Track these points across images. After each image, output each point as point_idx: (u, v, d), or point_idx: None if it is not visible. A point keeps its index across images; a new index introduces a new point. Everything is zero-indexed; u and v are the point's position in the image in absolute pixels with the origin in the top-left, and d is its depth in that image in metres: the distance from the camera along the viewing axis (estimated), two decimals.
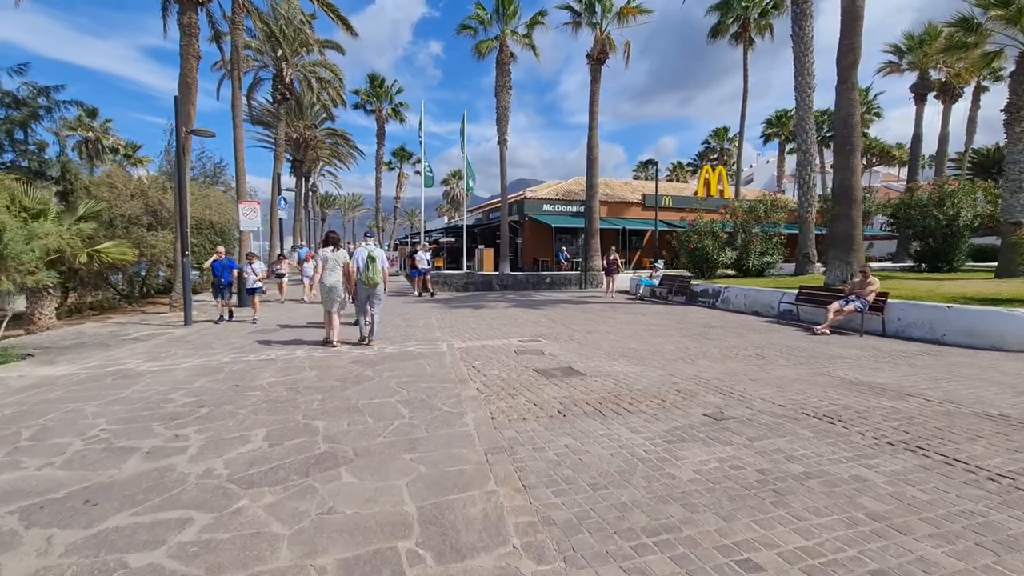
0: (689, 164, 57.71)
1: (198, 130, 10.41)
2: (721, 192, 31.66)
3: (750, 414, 4.49)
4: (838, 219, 12.58)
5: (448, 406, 4.70)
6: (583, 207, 27.89)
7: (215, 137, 11.29)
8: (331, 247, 7.92)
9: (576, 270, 25.33)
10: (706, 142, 53.16)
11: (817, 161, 16.71)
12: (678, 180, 54.22)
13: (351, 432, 4.00)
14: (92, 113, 33.41)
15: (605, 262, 17.02)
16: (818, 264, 17.02)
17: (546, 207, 27.29)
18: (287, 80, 22.88)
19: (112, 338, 8.93)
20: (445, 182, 61.61)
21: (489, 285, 19.11)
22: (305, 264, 15.74)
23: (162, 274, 19.47)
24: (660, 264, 17.09)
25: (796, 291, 11.22)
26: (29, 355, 7.39)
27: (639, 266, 28.39)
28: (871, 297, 9.29)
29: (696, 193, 31.50)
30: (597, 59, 21.36)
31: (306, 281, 15.27)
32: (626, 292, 18.55)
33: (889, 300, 9.22)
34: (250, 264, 11.50)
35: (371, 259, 7.59)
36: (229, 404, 4.78)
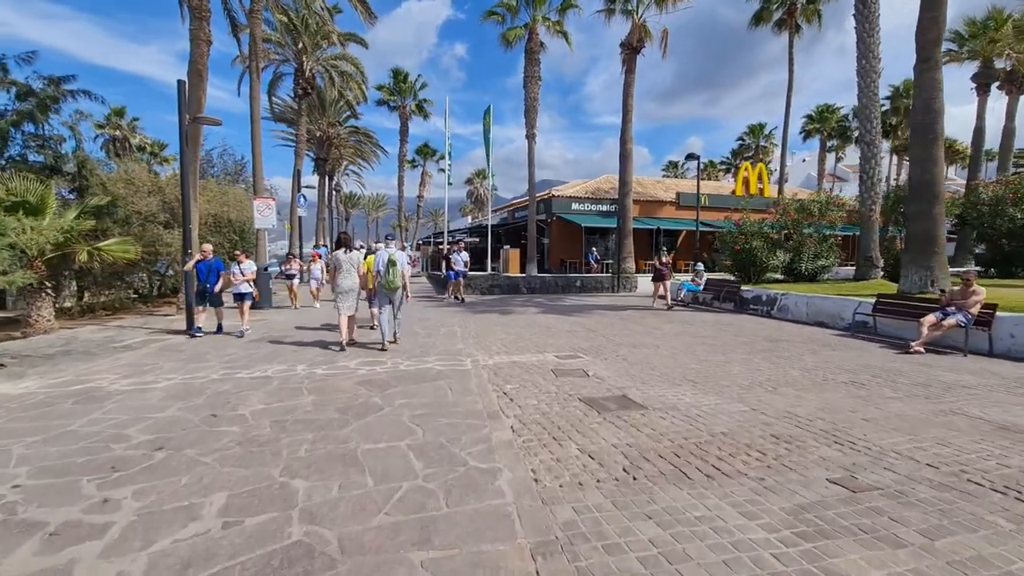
0: (722, 163, 55.52)
1: (203, 117, 9.54)
2: (761, 191, 29.87)
3: (896, 482, 3.19)
4: (917, 218, 10.99)
5: (475, 458, 3.53)
6: (614, 206, 26.52)
7: (221, 125, 10.42)
8: (343, 249, 7.70)
9: (606, 272, 23.98)
10: (740, 139, 50.95)
11: (884, 153, 15.02)
12: (709, 179, 52.13)
13: (341, 504, 2.86)
14: (120, 112, 33.52)
15: (657, 263, 14.33)
16: (880, 269, 15.33)
17: (575, 206, 26.00)
18: (308, 74, 22.16)
19: (103, 345, 8.07)
20: (469, 181, 60.78)
21: (516, 288, 17.95)
22: (312, 265, 14.23)
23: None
24: (700, 267, 15.60)
25: (872, 300, 9.74)
26: (1, 366, 6.54)
27: (674, 269, 26.82)
28: (975, 309, 7.77)
29: (734, 192, 29.77)
30: (633, 48, 20.00)
31: (313, 285, 13.93)
32: (663, 297, 17.13)
33: (998, 313, 7.70)
34: (238, 264, 9.62)
35: (391, 263, 7.37)
36: (194, 447, 3.71)
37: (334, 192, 49.75)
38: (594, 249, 24.49)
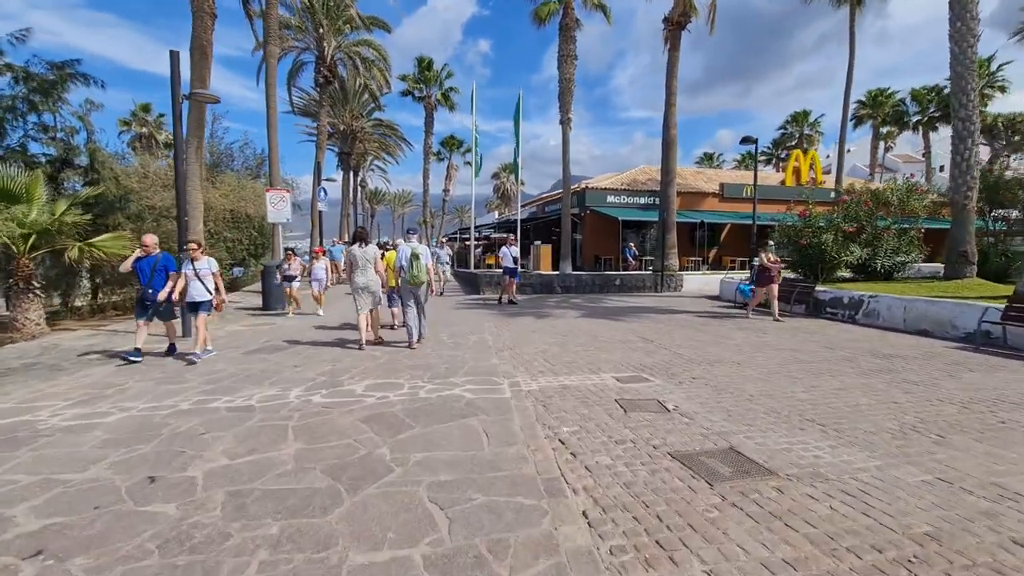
0: (762, 153, 52.54)
1: (199, 94, 8.33)
2: (813, 181, 27.50)
3: None
4: None
5: None
6: (652, 198, 24.71)
7: (219, 103, 9.20)
8: (359, 244, 7.38)
9: (645, 269, 22.22)
10: (782, 128, 48.03)
11: (978, 134, 12.88)
12: (747, 170, 49.37)
13: None
14: (146, 108, 33.30)
15: (766, 259, 10.24)
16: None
17: (610, 199, 24.24)
18: (329, 61, 21.03)
19: (80, 356, 6.92)
20: (495, 176, 59.35)
21: (549, 287, 16.44)
22: (315, 264, 11.68)
23: None
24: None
25: (998, 305, 7.89)
26: None
27: (718, 265, 24.84)
28: None
29: (783, 182, 27.49)
30: (676, 23, 18.16)
31: (315, 287, 11.48)
32: (715, 298, 15.36)
33: None
34: (191, 261, 6.66)
35: (415, 256, 7.03)
36: (89, 551, 2.35)
37: (359, 188, 49.09)
38: (631, 245, 22.73)
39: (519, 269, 14.05)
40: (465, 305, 13.30)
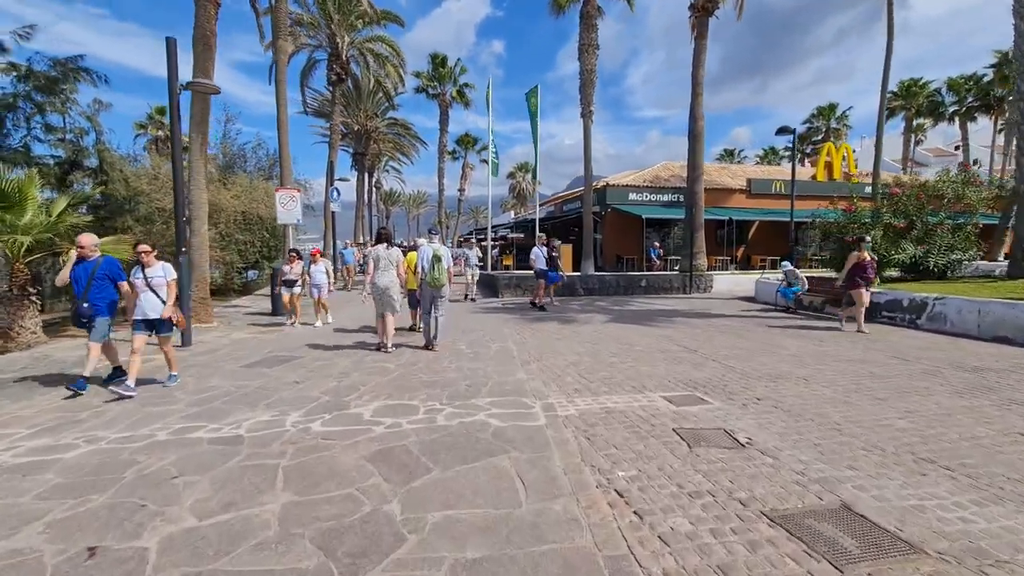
0: (786, 148, 50.92)
1: (198, 83, 7.70)
2: (846, 175, 26.21)
3: None
4: None
5: None
6: (676, 195, 23.73)
7: (219, 93, 8.56)
8: (384, 244, 7.14)
9: (670, 270, 21.24)
10: (808, 122, 46.33)
11: None
12: (769, 165, 47.85)
13: None
14: (162, 111, 33.21)
15: (860, 257, 8.81)
16: None
17: (632, 196, 23.30)
18: (343, 58, 20.50)
19: (66, 370, 6.31)
20: (511, 175, 58.61)
21: (571, 288, 15.59)
22: (313, 268, 10.10)
23: (217, 273, 17.66)
24: (787, 264, 12.69)
25: None
26: None
27: (746, 264, 23.72)
28: None
29: (814, 177, 26.24)
30: (703, 9, 17.18)
31: (315, 293, 10.06)
32: (750, 299, 14.37)
33: None
34: (141, 268, 5.21)
35: (436, 258, 6.95)
36: None
37: (374, 189, 48.76)
38: (656, 244, 21.76)
39: (561, 272, 12.95)
40: (484, 309, 12.53)
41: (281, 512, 2.73)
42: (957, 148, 48.49)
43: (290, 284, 9.88)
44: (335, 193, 19.06)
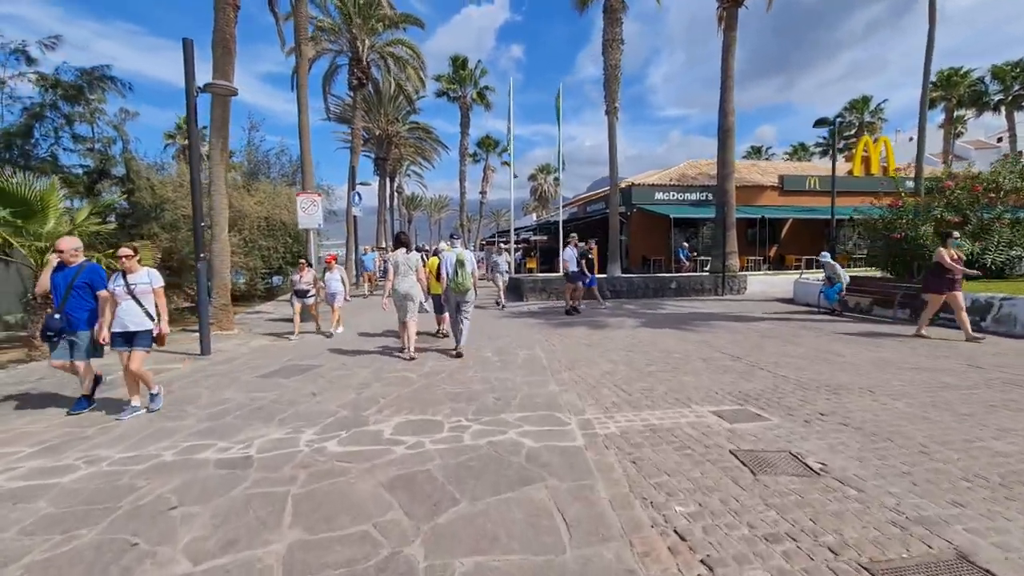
0: (816, 144, 49.32)
1: (216, 85, 7.52)
2: (884, 169, 25.01)
3: None
4: None
5: None
6: (704, 194, 22.98)
7: (237, 95, 8.39)
8: (403, 249, 7.01)
9: (700, 271, 20.51)
10: (840, 116, 44.67)
11: None
12: (799, 161, 46.34)
13: None
14: None
15: (947, 256, 7.66)
16: None
17: (658, 195, 22.63)
18: (364, 63, 20.43)
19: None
20: (532, 177, 58.23)
21: (598, 291, 15.07)
22: (329, 275, 9.65)
23: (241, 279, 17.74)
24: (826, 255, 11.85)
25: None
26: None
27: (779, 265, 22.78)
28: None
29: (851, 172, 25.15)
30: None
31: (338, 301, 9.59)
32: (788, 301, 13.62)
33: None
34: (122, 275, 4.66)
35: (460, 263, 6.82)
36: None
37: (396, 194, 48.97)
38: (685, 244, 21.03)
39: (594, 274, 12.46)
40: (510, 314, 12.14)
41: (287, 555, 2.36)
42: (1000, 140, 46.17)
43: (302, 294, 9.28)
44: (356, 198, 18.96)
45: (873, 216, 13.06)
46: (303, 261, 9.59)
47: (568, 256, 11.64)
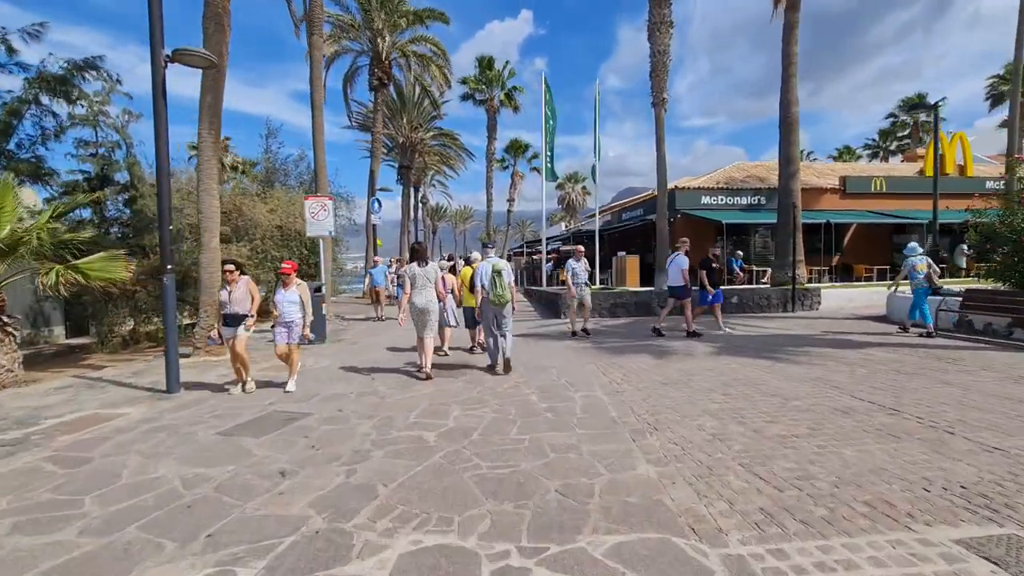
0: (866, 146, 46.27)
1: (188, 52, 5.98)
2: (961, 169, 22.40)
3: None
4: None
5: None
6: (755, 198, 20.82)
7: (215, 68, 6.84)
8: (418, 262, 6.55)
9: (758, 283, 18.33)
10: (891, 116, 41.79)
11: None
12: (846, 163, 43.34)
13: None
14: None
15: None
16: None
17: (705, 199, 20.53)
18: (385, 61, 19.13)
19: (22, 422, 4.56)
20: (559, 187, 56.46)
21: (647, 307, 13.12)
22: (280, 295, 5.95)
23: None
24: (918, 258, 9.56)
25: None
26: None
27: (845, 275, 20.34)
28: None
29: (921, 172, 22.58)
30: None
31: (288, 339, 5.96)
32: (880, 319, 11.39)
33: None
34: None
35: (497, 273, 6.46)
36: None
37: (420, 204, 47.87)
38: (739, 253, 18.84)
39: (718, 288, 10.03)
40: (548, 334, 10.30)
41: None
42: None
43: (233, 321, 5.78)
44: (376, 205, 17.52)
45: (992, 220, 10.76)
46: (230, 267, 5.88)
47: (681, 265, 9.38)
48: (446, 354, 8.20)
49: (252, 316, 5.91)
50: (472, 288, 7.05)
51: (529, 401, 5.21)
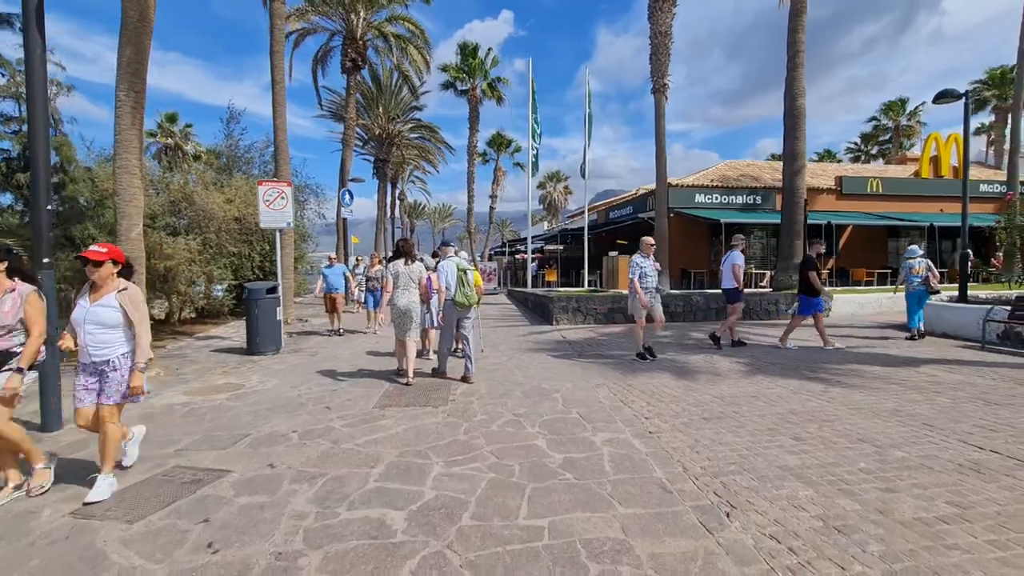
0: (847, 150, 46.33)
1: None
2: (956, 171, 21.91)
3: None
4: None
5: None
6: (751, 197, 19.91)
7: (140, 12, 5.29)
8: (404, 260, 6.15)
9: (756, 286, 17.32)
10: (873, 119, 41.76)
11: None
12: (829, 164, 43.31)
13: None
14: (172, 118, 31.15)
15: None
16: None
17: (699, 198, 19.49)
18: (360, 41, 17.49)
19: None
20: (541, 186, 55.31)
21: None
22: (80, 310, 3.15)
23: (199, 288, 14.64)
24: (916, 260, 8.85)
25: None
26: None
27: (844, 278, 19.54)
28: None
29: (917, 173, 22.07)
30: None
31: (111, 398, 3.19)
32: (898, 327, 10.37)
33: None
34: None
35: (463, 272, 5.94)
36: None
37: (398, 201, 46.02)
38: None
39: (820, 296, 8.13)
40: (543, 346, 8.92)
41: None
42: None
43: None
44: (347, 197, 15.88)
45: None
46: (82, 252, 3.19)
47: (736, 261, 8.32)
48: (430, 358, 7.48)
49: (20, 367, 3.06)
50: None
51: (536, 448, 3.83)
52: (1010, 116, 20.66)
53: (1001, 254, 19.13)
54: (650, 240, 7.33)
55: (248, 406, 5.21)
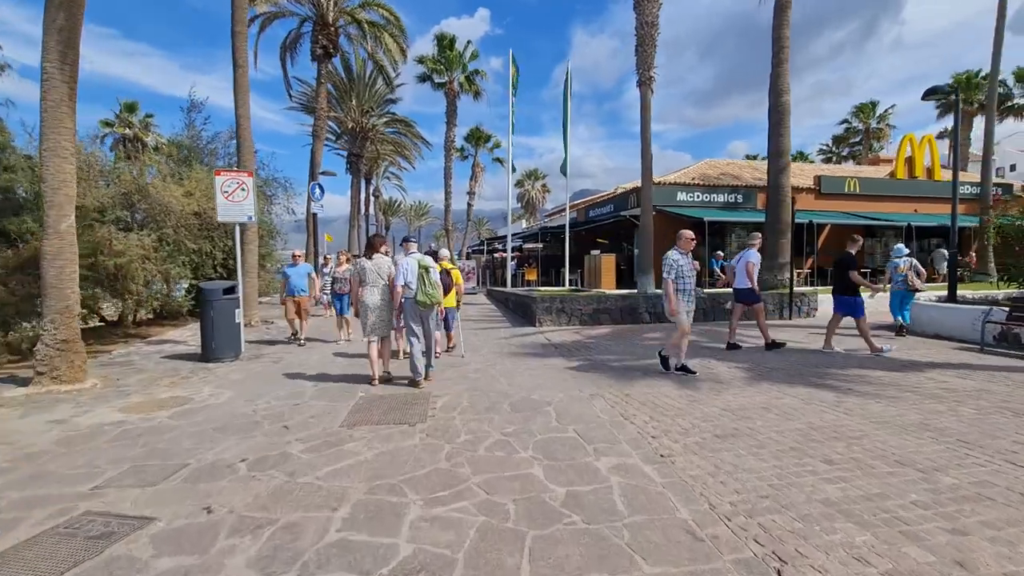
0: (819, 151, 47.17)
1: None
2: (929, 172, 22.25)
3: None
4: None
5: None
6: (732, 195, 19.76)
7: None
8: (370, 255, 6.04)
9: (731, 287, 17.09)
10: (845, 122, 42.58)
11: None
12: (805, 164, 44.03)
13: None
14: (132, 107, 29.48)
15: None
16: None
17: (681, 196, 19.23)
18: (332, 27, 16.58)
19: None
20: (519, 184, 54.82)
21: (634, 313, 11.43)
22: None
23: (156, 287, 13.55)
24: (901, 260, 8.91)
25: None
26: None
27: (823, 278, 19.54)
28: None
29: (892, 174, 22.30)
30: None
31: None
32: (891, 328, 10.17)
33: None
34: None
35: (424, 270, 5.65)
36: None
37: (373, 198, 44.79)
38: (720, 254, 17.62)
39: (858, 295, 7.50)
40: (527, 350, 8.34)
41: None
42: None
43: None
44: (317, 191, 14.99)
45: (1015, 222, 9.74)
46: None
47: (753, 259, 7.83)
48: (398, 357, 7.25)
49: None
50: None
51: (532, 479, 3.25)
52: (984, 119, 21.05)
53: (973, 253, 19.50)
54: (690, 234, 6.24)
55: (192, 426, 4.48)
